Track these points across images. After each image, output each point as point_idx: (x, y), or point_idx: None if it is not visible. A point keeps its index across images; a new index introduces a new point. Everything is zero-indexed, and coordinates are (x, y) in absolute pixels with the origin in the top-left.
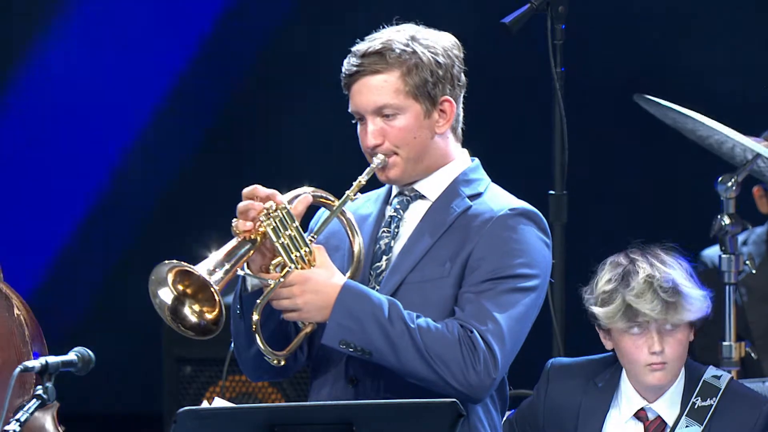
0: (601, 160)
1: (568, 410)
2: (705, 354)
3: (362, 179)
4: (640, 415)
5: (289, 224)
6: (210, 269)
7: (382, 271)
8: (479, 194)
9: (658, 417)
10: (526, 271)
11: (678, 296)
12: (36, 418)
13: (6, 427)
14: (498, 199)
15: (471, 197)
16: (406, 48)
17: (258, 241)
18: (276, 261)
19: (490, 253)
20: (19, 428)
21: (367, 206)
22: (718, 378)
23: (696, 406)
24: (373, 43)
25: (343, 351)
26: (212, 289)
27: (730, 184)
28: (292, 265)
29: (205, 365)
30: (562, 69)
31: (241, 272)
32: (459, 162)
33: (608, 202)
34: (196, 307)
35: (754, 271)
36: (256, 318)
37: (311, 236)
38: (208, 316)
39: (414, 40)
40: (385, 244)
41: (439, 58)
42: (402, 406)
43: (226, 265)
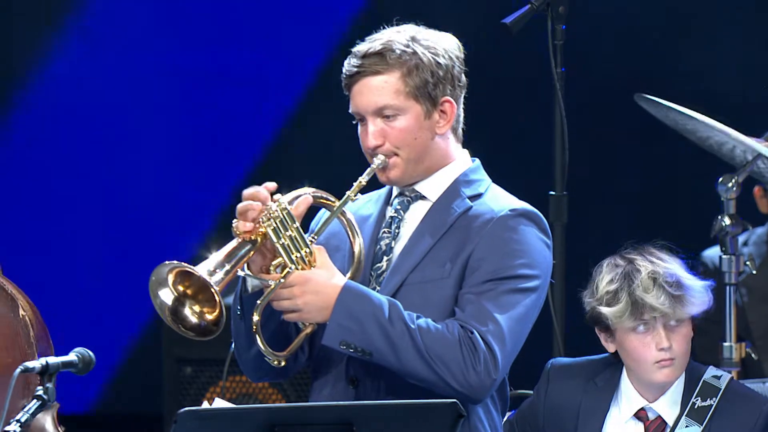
0: (601, 160)
1: (568, 410)
2: (705, 354)
3: (363, 180)
4: (641, 415)
5: (290, 225)
6: (210, 270)
7: (383, 272)
8: (480, 195)
9: (659, 417)
10: (526, 272)
11: (682, 289)
12: (36, 419)
13: (6, 428)
14: (498, 199)
15: (471, 198)
16: (406, 49)
17: (258, 241)
18: (276, 262)
19: (491, 254)
20: (20, 429)
21: (368, 207)
22: (718, 378)
23: (696, 406)
24: (374, 44)
25: (344, 351)
26: (213, 290)
27: (730, 185)
28: (293, 266)
29: (206, 366)
30: (563, 69)
31: (241, 273)
32: (459, 162)
33: (608, 202)
34: (197, 308)
35: (755, 272)
36: (256, 319)
37: (312, 237)
38: (209, 316)
39: (414, 40)
40: (386, 244)
41: (440, 58)
42: (402, 406)
43: (226, 265)
